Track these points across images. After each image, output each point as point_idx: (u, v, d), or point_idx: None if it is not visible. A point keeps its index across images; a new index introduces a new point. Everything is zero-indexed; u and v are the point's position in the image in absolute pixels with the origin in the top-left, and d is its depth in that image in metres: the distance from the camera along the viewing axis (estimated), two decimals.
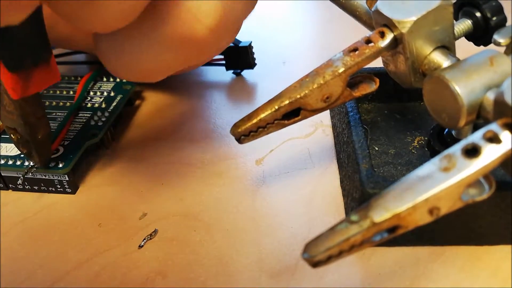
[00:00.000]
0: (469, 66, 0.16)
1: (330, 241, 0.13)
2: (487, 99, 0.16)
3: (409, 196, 0.13)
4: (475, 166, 0.14)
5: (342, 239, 0.13)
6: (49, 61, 0.19)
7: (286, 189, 0.22)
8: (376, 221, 0.13)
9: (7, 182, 0.23)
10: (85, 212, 0.22)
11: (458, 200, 0.14)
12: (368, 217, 0.13)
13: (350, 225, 0.13)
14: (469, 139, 0.14)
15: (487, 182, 0.15)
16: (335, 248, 0.13)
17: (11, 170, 0.22)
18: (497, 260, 0.19)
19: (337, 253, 0.13)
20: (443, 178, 0.13)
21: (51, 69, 0.19)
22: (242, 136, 0.18)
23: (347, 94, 0.19)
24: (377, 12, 0.18)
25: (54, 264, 0.19)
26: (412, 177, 0.14)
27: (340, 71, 0.18)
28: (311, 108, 0.18)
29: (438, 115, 0.17)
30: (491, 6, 0.19)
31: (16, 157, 0.23)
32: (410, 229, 0.14)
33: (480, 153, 0.14)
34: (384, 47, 0.18)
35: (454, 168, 0.14)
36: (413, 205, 0.13)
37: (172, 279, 0.19)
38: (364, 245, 0.14)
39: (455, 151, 0.14)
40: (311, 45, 0.35)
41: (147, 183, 0.23)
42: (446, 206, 0.14)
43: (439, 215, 0.14)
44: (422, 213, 0.14)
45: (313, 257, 0.13)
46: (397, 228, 0.14)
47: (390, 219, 0.13)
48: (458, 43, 0.19)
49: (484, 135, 0.14)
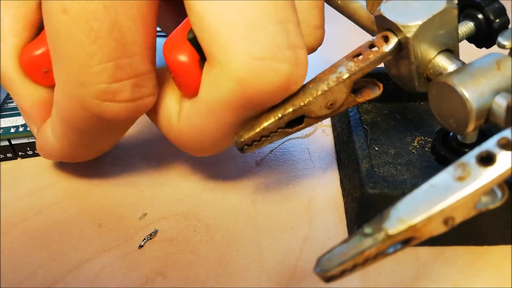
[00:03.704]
0: (476, 70, 0.16)
1: (344, 255, 0.13)
2: (496, 104, 0.16)
3: (424, 207, 0.13)
4: (491, 174, 0.13)
5: (356, 252, 0.13)
6: None
7: (286, 189, 0.22)
8: (390, 233, 0.13)
9: (16, 150, 0.25)
10: (85, 212, 0.22)
11: (472, 209, 0.14)
12: (383, 229, 0.13)
13: (364, 238, 0.13)
14: (483, 146, 0.14)
15: (500, 188, 0.14)
16: (349, 262, 0.13)
17: (22, 137, 0.24)
18: (497, 260, 0.19)
19: (351, 267, 0.13)
20: (458, 187, 0.13)
21: None
22: (245, 145, 0.18)
23: (351, 100, 0.18)
24: (381, 16, 0.17)
25: (54, 264, 0.19)
26: (426, 187, 0.13)
27: (344, 77, 0.17)
28: (315, 115, 0.18)
29: (445, 120, 0.17)
30: (494, 8, 0.19)
31: (23, 125, 0.24)
32: (423, 240, 0.13)
33: (495, 161, 0.13)
34: (388, 52, 0.17)
35: (469, 177, 0.13)
36: (428, 216, 0.13)
37: (172, 279, 0.19)
38: (379, 257, 0.13)
39: (470, 159, 0.14)
40: None
41: (147, 183, 0.23)
42: (461, 216, 0.13)
43: (454, 225, 0.13)
44: (437, 223, 0.13)
45: (326, 272, 0.13)
46: (411, 240, 0.13)
47: (405, 231, 0.13)
48: (459, 45, 0.19)
49: (498, 142, 0.14)
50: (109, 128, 0.18)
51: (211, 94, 0.17)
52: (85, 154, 0.21)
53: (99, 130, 0.18)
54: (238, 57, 0.15)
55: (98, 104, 0.16)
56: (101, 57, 0.15)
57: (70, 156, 0.21)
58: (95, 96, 0.16)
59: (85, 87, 0.16)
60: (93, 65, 0.15)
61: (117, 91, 0.16)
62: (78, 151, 0.20)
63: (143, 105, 0.17)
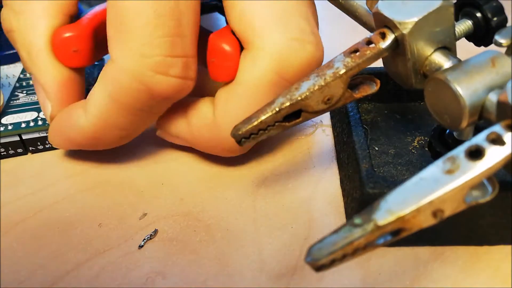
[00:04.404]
0: (471, 67, 0.16)
1: (334, 245, 0.13)
2: (489, 100, 0.16)
3: (413, 199, 0.13)
4: (479, 168, 0.13)
5: (345, 242, 0.13)
6: None
7: (286, 189, 0.22)
8: (379, 224, 0.13)
9: (27, 145, 0.25)
10: (85, 212, 0.22)
11: (462, 202, 0.14)
12: (372, 220, 0.13)
13: (354, 229, 0.13)
14: (473, 141, 0.14)
15: (490, 183, 0.15)
16: (339, 252, 0.13)
17: (33, 131, 0.24)
18: (497, 260, 0.19)
19: (340, 257, 0.13)
20: (447, 180, 0.13)
21: None
22: (243, 138, 0.18)
23: (348, 95, 0.19)
24: (378, 13, 0.18)
25: (54, 264, 0.19)
26: (416, 180, 0.14)
27: (341, 73, 0.17)
28: (312, 110, 0.18)
29: (440, 116, 0.17)
30: (492, 6, 0.19)
31: (34, 120, 0.24)
32: (413, 232, 0.14)
33: (484, 155, 0.14)
34: (385, 48, 0.18)
35: (458, 170, 0.13)
36: (417, 207, 0.13)
37: (172, 279, 0.19)
38: (368, 248, 0.13)
39: (459, 153, 0.14)
40: None
41: (147, 183, 0.23)
42: (450, 209, 0.14)
43: (443, 217, 0.14)
44: (426, 215, 0.13)
45: (317, 261, 0.13)
46: (401, 231, 0.13)
47: (394, 222, 0.13)
48: (458, 44, 0.19)
49: (488, 137, 0.14)
50: (151, 107, 0.20)
51: (249, 74, 0.20)
52: (114, 138, 0.22)
53: (142, 108, 0.20)
54: (273, 39, 0.19)
55: (152, 76, 0.19)
56: (162, 32, 0.18)
57: (97, 141, 0.22)
58: (152, 67, 0.18)
59: (144, 58, 0.18)
60: (155, 38, 0.18)
61: (170, 65, 0.19)
62: (111, 134, 0.21)
63: (186, 87, 0.20)
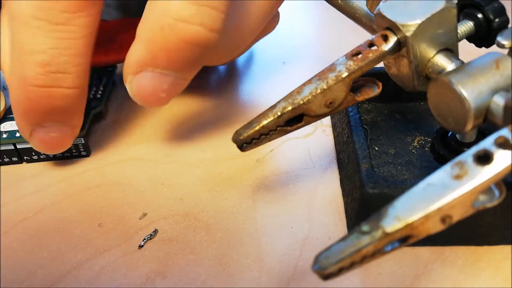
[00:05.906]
0: (475, 69, 0.16)
1: (342, 253, 0.13)
2: (494, 103, 0.16)
3: (422, 205, 0.13)
4: (488, 173, 0.13)
5: (353, 250, 0.13)
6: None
7: (286, 189, 0.22)
8: (388, 231, 0.13)
9: (21, 155, 0.24)
10: (85, 212, 0.22)
11: (470, 207, 0.14)
12: (380, 227, 0.13)
13: (362, 236, 0.13)
14: (481, 145, 0.14)
15: (497, 187, 0.14)
16: (347, 260, 0.13)
17: (27, 141, 0.23)
18: (497, 260, 0.19)
19: (348, 265, 0.13)
20: (455, 186, 0.13)
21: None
22: (244, 143, 0.18)
23: (350, 98, 0.18)
24: (380, 15, 0.17)
25: (54, 264, 0.19)
26: (424, 185, 0.13)
27: (343, 76, 0.17)
28: (314, 114, 0.18)
29: (444, 119, 0.17)
30: (493, 7, 0.19)
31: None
32: (421, 238, 0.13)
33: (492, 160, 0.13)
34: (387, 51, 0.17)
35: (466, 175, 0.13)
36: (425, 214, 0.13)
37: (172, 279, 0.19)
38: (376, 255, 0.13)
39: (467, 157, 0.14)
40: (311, 45, 0.35)
41: (147, 183, 0.23)
42: (458, 214, 0.13)
43: (451, 223, 0.13)
44: (435, 222, 0.13)
45: (324, 269, 0.13)
46: (409, 238, 0.13)
47: (402, 229, 0.13)
48: (459, 45, 0.19)
49: (496, 141, 0.14)
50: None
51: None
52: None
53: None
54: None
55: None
56: None
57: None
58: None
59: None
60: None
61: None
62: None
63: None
